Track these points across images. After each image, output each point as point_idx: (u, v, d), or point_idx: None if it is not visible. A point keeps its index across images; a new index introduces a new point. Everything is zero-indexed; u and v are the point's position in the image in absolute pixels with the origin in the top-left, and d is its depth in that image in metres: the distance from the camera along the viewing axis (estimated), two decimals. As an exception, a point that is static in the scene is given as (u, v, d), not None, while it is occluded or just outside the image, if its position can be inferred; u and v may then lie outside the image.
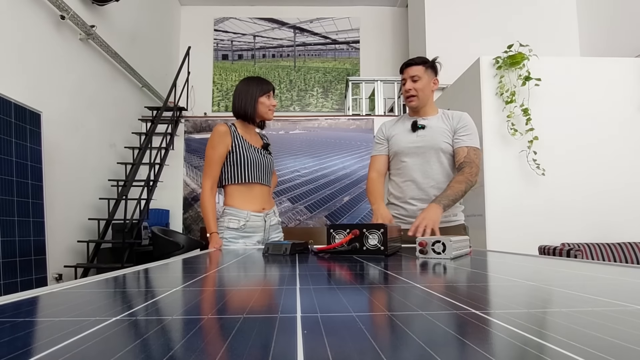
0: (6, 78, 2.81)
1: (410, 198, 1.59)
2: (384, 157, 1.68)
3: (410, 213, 1.59)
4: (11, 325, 0.30)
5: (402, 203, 1.62)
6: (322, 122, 5.41)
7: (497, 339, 0.25)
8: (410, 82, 1.57)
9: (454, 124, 1.57)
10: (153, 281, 0.56)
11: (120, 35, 4.51)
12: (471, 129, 1.56)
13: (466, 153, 1.52)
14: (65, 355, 0.22)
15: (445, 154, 1.57)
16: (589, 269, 0.65)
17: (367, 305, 0.38)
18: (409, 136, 1.60)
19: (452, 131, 1.56)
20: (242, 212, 1.56)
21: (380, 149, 1.68)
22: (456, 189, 1.45)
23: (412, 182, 1.59)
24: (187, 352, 0.23)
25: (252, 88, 1.59)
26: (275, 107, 1.64)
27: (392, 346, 0.24)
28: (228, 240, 1.54)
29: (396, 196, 1.65)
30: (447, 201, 1.41)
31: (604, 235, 2.68)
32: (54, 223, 3.13)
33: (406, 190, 1.60)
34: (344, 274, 0.63)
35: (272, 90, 1.63)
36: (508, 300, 0.38)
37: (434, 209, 1.37)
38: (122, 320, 0.31)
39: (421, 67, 1.56)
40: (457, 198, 1.45)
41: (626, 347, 0.23)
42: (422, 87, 1.56)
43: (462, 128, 1.55)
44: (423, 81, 1.56)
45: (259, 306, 0.36)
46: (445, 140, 1.56)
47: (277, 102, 1.65)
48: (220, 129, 1.56)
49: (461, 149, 1.53)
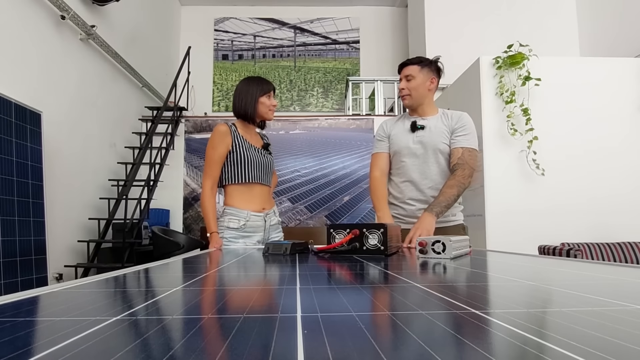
0: (7, 78, 2.81)
1: (409, 198, 1.60)
2: (385, 154, 1.67)
3: (409, 213, 1.60)
4: (11, 324, 0.30)
5: (401, 203, 1.63)
6: (322, 122, 5.41)
7: (496, 339, 0.25)
8: (404, 82, 1.58)
9: (452, 124, 1.57)
10: (153, 281, 0.56)
11: (120, 35, 4.51)
12: (469, 130, 1.55)
13: (460, 154, 1.52)
14: (66, 355, 0.22)
15: (444, 154, 1.57)
16: (588, 269, 0.65)
17: (367, 304, 0.38)
18: (408, 136, 1.61)
19: (450, 131, 1.56)
20: (242, 212, 1.56)
21: (382, 146, 1.68)
22: (448, 194, 1.45)
23: (411, 182, 1.59)
24: (187, 351, 0.23)
25: (253, 88, 1.58)
26: (275, 107, 1.64)
27: (392, 346, 0.24)
28: (228, 240, 1.54)
29: (395, 196, 1.65)
30: (440, 208, 1.42)
31: (604, 235, 2.68)
32: (54, 223, 3.13)
33: (405, 191, 1.61)
34: (344, 273, 0.63)
35: (273, 90, 1.62)
36: (508, 300, 0.38)
37: (427, 218, 1.39)
38: (122, 320, 0.31)
39: (416, 67, 1.57)
40: (449, 203, 1.45)
41: (626, 347, 0.23)
42: (416, 86, 1.57)
43: (460, 128, 1.55)
44: (417, 80, 1.56)
45: (259, 306, 0.36)
46: (443, 141, 1.56)
47: (277, 102, 1.65)
48: (220, 128, 1.56)
49: (456, 150, 1.53)
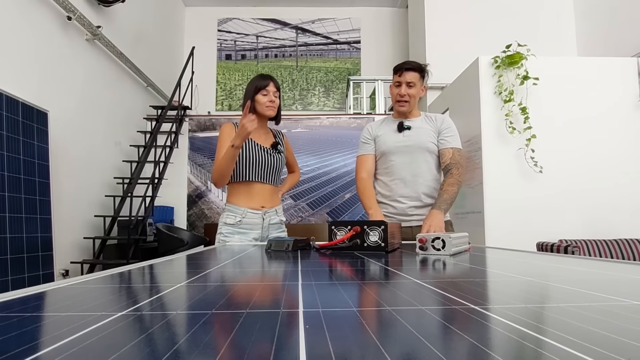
0: (14, 78, 2.83)
1: (400, 196, 1.62)
2: (372, 156, 1.71)
3: (400, 211, 1.62)
4: (19, 320, 0.30)
5: (391, 201, 1.64)
6: (324, 120, 5.41)
7: (495, 334, 0.25)
8: (406, 87, 1.59)
9: (437, 125, 1.62)
10: (158, 277, 0.56)
11: (125, 36, 4.53)
12: (454, 131, 1.62)
13: (452, 154, 1.58)
14: (72, 349, 0.22)
15: (431, 153, 1.61)
16: (586, 265, 0.65)
17: (368, 300, 0.39)
18: (395, 136, 1.63)
19: (436, 132, 1.62)
20: (240, 209, 1.58)
21: (368, 148, 1.71)
22: (451, 192, 1.51)
23: (401, 180, 1.62)
24: (191, 346, 0.23)
25: (250, 87, 1.60)
26: (274, 103, 1.58)
27: (392, 340, 0.24)
28: (224, 235, 1.56)
29: (384, 195, 1.67)
30: (446, 205, 1.48)
31: (601, 231, 2.67)
32: (60, 220, 3.16)
33: (395, 189, 1.63)
34: (345, 270, 0.63)
35: (273, 85, 1.57)
36: (506, 296, 0.38)
37: (436, 214, 1.43)
38: (127, 315, 0.31)
39: (417, 75, 1.59)
40: (453, 200, 1.51)
41: (621, 341, 0.23)
42: (415, 94, 1.61)
43: (446, 129, 1.61)
44: (417, 88, 1.60)
45: (262, 301, 0.37)
46: (431, 140, 1.61)
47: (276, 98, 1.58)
48: (225, 128, 1.60)
49: (447, 150, 1.59)
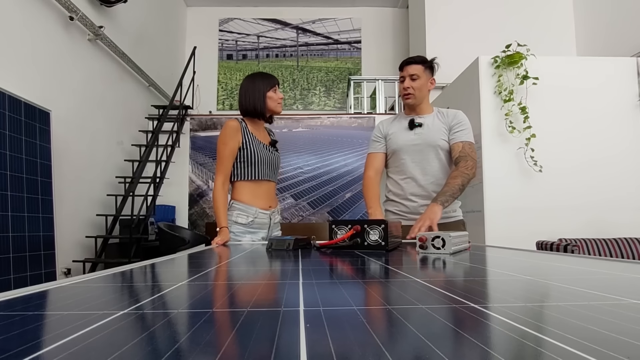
0: (16, 77, 2.84)
1: (411, 194, 1.61)
2: (381, 154, 1.69)
3: (411, 209, 1.61)
4: (21, 318, 0.30)
5: (402, 200, 1.63)
6: (325, 120, 5.41)
7: (495, 332, 0.25)
8: (409, 81, 1.59)
9: (449, 121, 1.60)
10: (159, 276, 0.57)
11: (127, 36, 4.53)
12: (465, 125, 1.59)
13: (461, 148, 1.55)
14: (74, 347, 0.23)
15: (443, 150, 1.59)
16: (585, 264, 0.65)
17: (368, 299, 0.39)
18: (406, 134, 1.62)
19: (448, 128, 1.59)
20: (251, 209, 1.57)
21: (378, 146, 1.70)
22: (452, 184, 1.47)
23: (412, 179, 1.61)
24: (192, 344, 0.23)
25: (259, 84, 1.58)
26: (282, 100, 1.63)
27: (392, 339, 0.24)
28: (235, 234, 1.54)
29: (395, 193, 1.66)
30: (445, 197, 1.44)
31: (601, 230, 2.67)
32: (62, 219, 3.17)
33: (406, 187, 1.62)
34: (346, 268, 0.63)
35: (277, 84, 1.63)
36: (506, 294, 0.38)
37: (433, 207, 1.41)
38: (129, 314, 0.31)
39: (420, 67, 1.58)
40: (455, 193, 1.46)
41: (621, 340, 0.23)
42: (420, 86, 1.59)
43: (457, 124, 1.58)
44: (421, 80, 1.59)
45: (262, 300, 0.37)
46: (442, 137, 1.59)
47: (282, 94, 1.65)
48: (231, 124, 1.55)
49: (457, 144, 1.57)
